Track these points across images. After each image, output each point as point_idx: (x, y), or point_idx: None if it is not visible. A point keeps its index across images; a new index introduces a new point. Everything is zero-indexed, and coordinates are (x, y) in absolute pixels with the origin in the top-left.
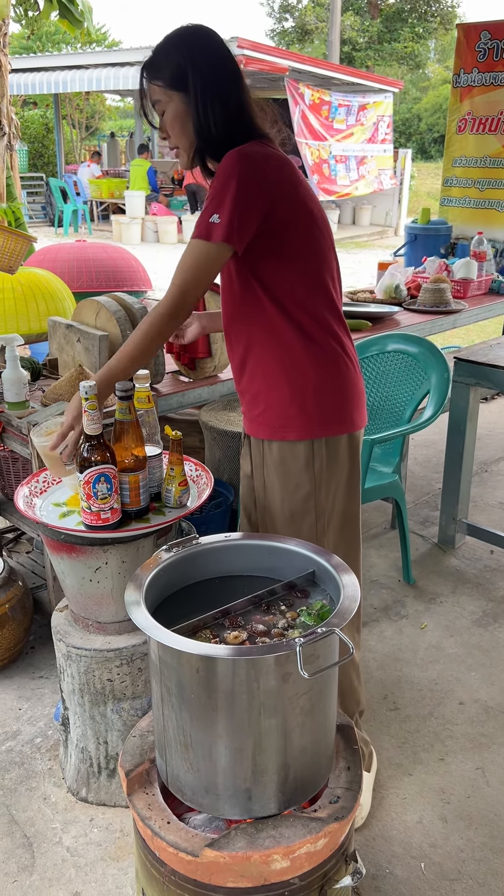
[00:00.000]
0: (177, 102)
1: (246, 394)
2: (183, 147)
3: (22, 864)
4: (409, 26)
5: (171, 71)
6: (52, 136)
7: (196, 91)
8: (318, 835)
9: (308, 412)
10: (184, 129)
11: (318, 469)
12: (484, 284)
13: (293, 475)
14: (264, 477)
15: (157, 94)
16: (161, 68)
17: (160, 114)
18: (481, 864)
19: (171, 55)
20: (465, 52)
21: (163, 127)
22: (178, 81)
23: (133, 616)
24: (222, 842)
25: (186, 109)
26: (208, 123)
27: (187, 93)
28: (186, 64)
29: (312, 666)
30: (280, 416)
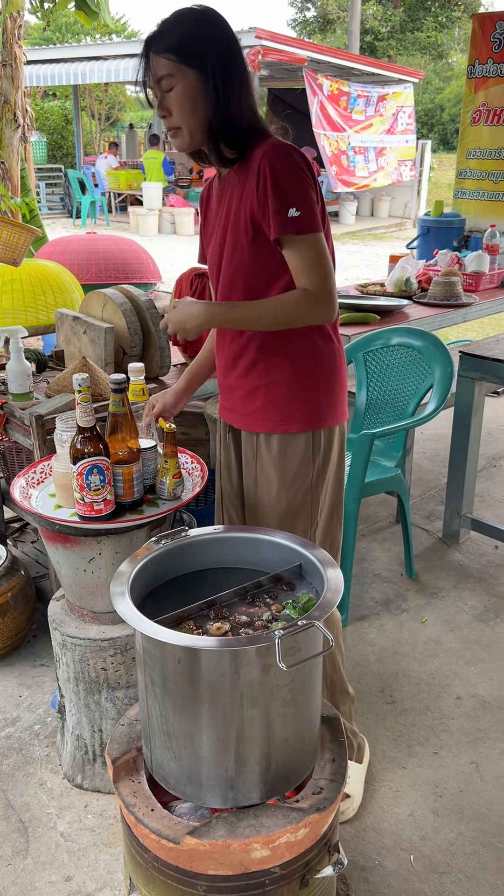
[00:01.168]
0: (190, 79)
1: (237, 389)
2: (188, 127)
3: (16, 849)
4: (431, 15)
5: (186, 45)
6: (72, 127)
7: (215, 70)
8: (298, 825)
9: (311, 405)
10: (195, 109)
11: (317, 460)
12: (496, 277)
13: (293, 467)
14: (257, 471)
15: (165, 68)
16: (174, 42)
17: (166, 90)
18: (471, 858)
19: (187, 30)
20: (480, 43)
21: (165, 104)
22: (193, 57)
23: (117, 606)
24: (203, 830)
25: (201, 88)
26: (228, 105)
27: (203, 71)
28: (204, 41)
29: (293, 658)
30: (282, 410)
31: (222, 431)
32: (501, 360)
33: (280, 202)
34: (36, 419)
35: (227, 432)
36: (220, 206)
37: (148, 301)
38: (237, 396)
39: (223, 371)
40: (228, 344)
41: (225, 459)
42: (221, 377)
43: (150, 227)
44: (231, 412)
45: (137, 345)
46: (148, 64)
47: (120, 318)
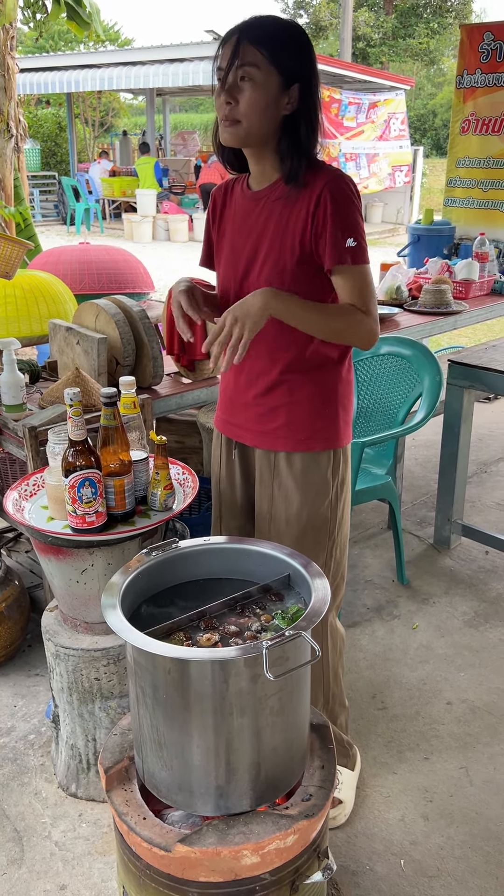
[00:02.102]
0: (272, 80)
1: (254, 407)
2: (248, 122)
3: (11, 858)
4: (423, 22)
5: (282, 48)
6: (65, 134)
7: (301, 86)
8: (287, 831)
9: (332, 424)
10: (264, 110)
11: (337, 477)
12: (486, 285)
13: (316, 484)
14: (274, 488)
15: (253, 57)
16: (271, 39)
17: (244, 77)
18: (460, 862)
19: (287, 36)
20: (468, 53)
21: (234, 91)
22: (283, 62)
23: (108, 619)
24: (193, 837)
25: (277, 94)
26: (311, 126)
27: (287, 80)
28: (299, 55)
29: (280, 668)
30: (305, 430)
31: (224, 448)
32: (489, 369)
33: (340, 232)
34: (29, 431)
35: (231, 449)
36: (252, 217)
37: (141, 311)
38: (252, 414)
39: (238, 388)
40: (251, 361)
41: (227, 476)
42: (234, 394)
43: (145, 234)
44: (239, 429)
45: (130, 355)
46: (237, 48)
47: (113, 328)
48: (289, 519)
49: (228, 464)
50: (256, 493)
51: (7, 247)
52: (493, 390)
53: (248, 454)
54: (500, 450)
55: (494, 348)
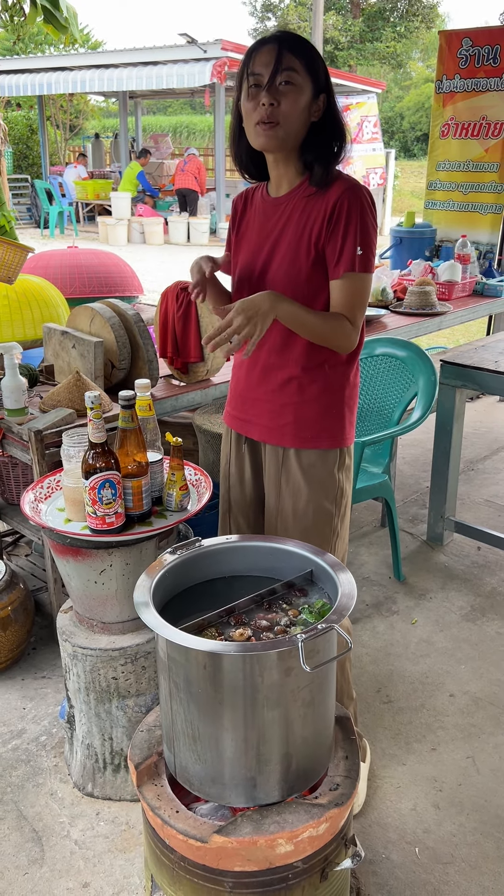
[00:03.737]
0: (306, 87)
1: (265, 402)
2: (287, 124)
3: (32, 857)
4: (390, 25)
5: (313, 60)
6: (37, 137)
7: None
8: (319, 820)
9: (339, 423)
10: (301, 113)
11: (342, 473)
12: (468, 286)
13: (323, 480)
14: (282, 482)
15: (294, 64)
16: (305, 52)
17: (286, 81)
18: (473, 848)
19: (314, 51)
20: (447, 59)
21: (277, 93)
22: (314, 73)
23: (143, 616)
24: (230, 828)
25: (309, 99)
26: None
27: (317, 89)
28: (322, 68)
29: (313, 660)
30: (312, 427)
31: (234, 444)
32: (482, 369)
33: (353, 241)
34: (35, 434)
35: (241, 444)
36: (272, 221)
37: (135, 315)
38: (263, 409)
39: (249, 383)
40: (265, 357)
41: (237, 471)
42: (245, 388)
43: (120, 238)
44: (248, 424)
45: (126, 358)
46: (280, 55)
47: (108, 331)
48: (296, 513)
49: (238, 459)
50: (266, 488)
51: (8, 252)
52: (485, 390)
53: (258, 449)
54: (486, 448)
55: (484, 348)
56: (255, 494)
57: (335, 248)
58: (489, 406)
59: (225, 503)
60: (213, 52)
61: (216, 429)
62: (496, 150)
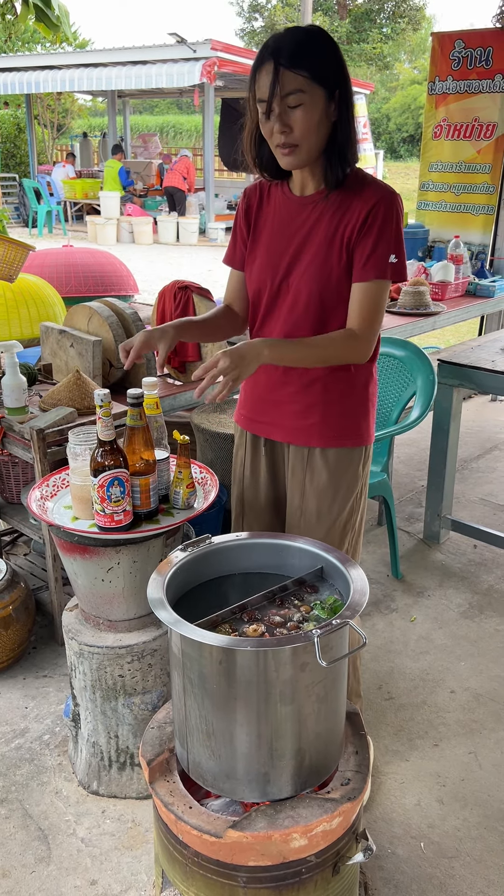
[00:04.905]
0: (318, 98)
1: (289, 404)
2: (308, 145)
3: (39, 856)
4: (377, 27)
5: (320, 64)
6: (24, 135)
7: (340, 93)
8: (333, 814)
9: (363, 422)
10: (318, 128)
11: (364, 472)
12: (461, 287)
13: (348, 479)
14: (306, 483)
15: (296, 83)
16: (305, 57)
17: (292, 105)
18: (477, 842)
19: (320, 48)
20: (439, 61)
21: (288, 120)
22: (324, 77)
23: (158, 613)
24: (244, 823)
25: (325, 107)
26: (348, 128)
27: (331, 92)
28: (333, 63)
29: (327, 656)
30: (338, 427)
31: (250, 446)
32: (479, 368)
33: (386, 247)
34: (37, 433)
35: (259, 446)
36: (297, 221)
37: (133, 314)
38: (287, 411)
39: (270, 385)
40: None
41: (252, 474)
42: (265, 391)
43: (109, 237)
44: (269, 426)
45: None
46: (276, 77)
47: (106, 330)
48: (320, 512)
49: (254, 461)
50: (288, 488)
51: (9, 250)
52: (482, 389)
53: (278, 450)
54: (479, 447)
55: (480, 348)
56: (272, 496)
57: (365, 252)
58: (481, 405)
59: (239, 506)
60: (202, 51)
61: (214, 427)
62: (488, 152)
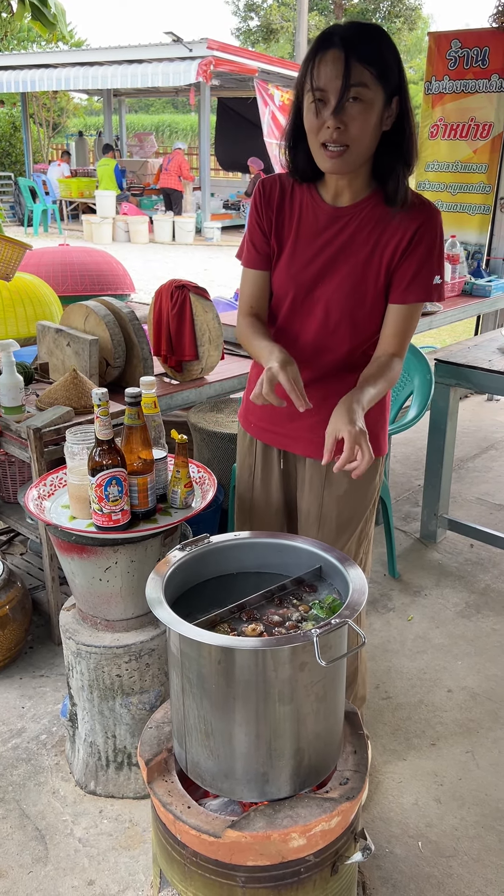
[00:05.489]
0: (378, 98)
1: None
2: (360, 145)
3: (36, 856)
4: None
5: (385, 63)
6: (20, 134)
7: (402, 102)
8: (332, 813)
9: (383, 434)
10: (374, 129)
11: (378, 482)
12: (457, 286)
13: (367, 490)
14: (325, 494)
15: (363, 76)
16: (375, 54)
17: (353, 98)
18: (475, 841)
19: (385, 47)
20: (436, 60)
21: (344, 116)
22: (387, 78)
23: (157, 612)
24: (243, 823)
25: (382, 109)
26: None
27: (390, 95)
28: (399, 68)
29: (326, 655)
30: None
31: (261, 456)
32: (476, 367)
33: (429, 270)
34: (34, 432)
35: (272, 456)
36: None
37: (130, 313)
38: (304, 425)
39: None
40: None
41: (262, 483)
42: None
43: (105, 236)
44: (287, 438)
45: (121, 356)
46: (347, 68)
47: (103, 329)
48: (339, 522)
49: (265, 469)
50: (304, 499)
51: (6, 249)
52: (479, 388)
53: (292, 461)
54: (475, 446)
55: (477, 347)
56: (283, 505)
57: (408, 274)
58: (477, 405)
59: (246, 513)
60: (198, 50)
61: (211, 427)
62: (485, 152)
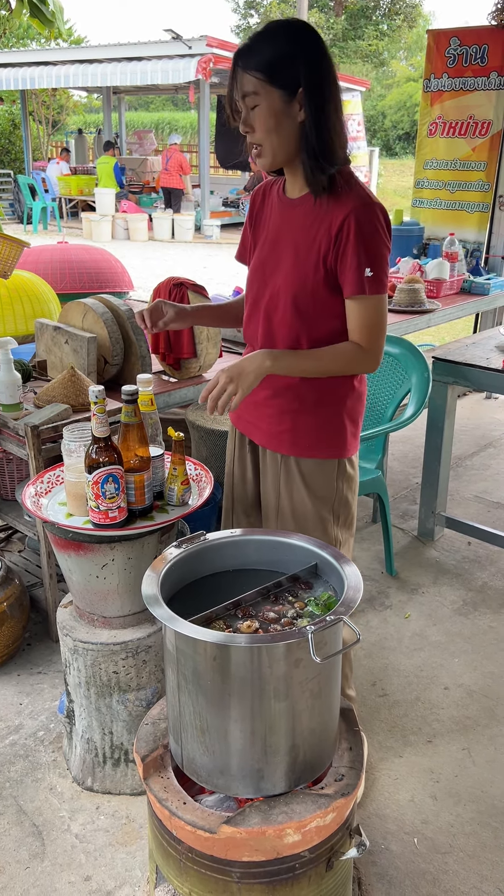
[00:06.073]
0: (275, 99)
1: (265, 407)
2: (270, 145)
3: (33, 852)
4: (373, 24)
5: (274, 63)
6: (19, 132)
7: (309, 91)
8: (327, 810)
9: (338, 436)
10: (278, 128)
11: (340, 483)
12: (456, 284)
13: (322, 488)
14: (281, 486)
15: (251, 85)
16: (261, 59)
17: (250, 106)
18: (471, 838)
19: (277, 46)
20: (435, 58)
21: (248, 120)
22: (280, 76)
23: (153, 609)
24: (238, 818)
25: (285, 107)
26: (322, 128)
27: (291, 90)
28: (295, 60)
29: (322, 652)
30: (309, 436)
31: (238, 442)
32: (473, 365)
33: (359, 261)
34: (31, 429)
35: (244, 444)
36: (285, 225)
37: (128, 311)
38: (263, 414)
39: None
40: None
41: (239, 469)
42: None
43: (104, 234)
44: (253, 427)
45: (119, 354)
46: (235, 78)
47: (101, 327)
48: (295, 515)
49: (241, 458)
50: (265, 490)
51: (4, 246)
52: (477, 386)
53: (258, 450)
54: (473, 444)
55: (475, 345)
56: (256, 493)
57: (344, 269)
58: (476, 403)
59: (228, 501)
60: (198, 48)
61: (209, 425)
62: (483, 149)
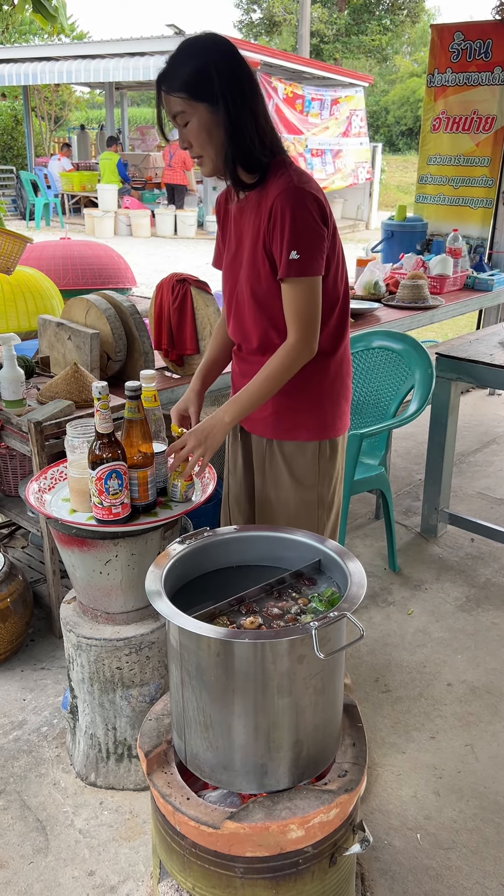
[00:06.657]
0: (202, 113)
1: None
2: (208, 156)
3: (37, 847)
4: (376, 19)
5: (193, 80)
6: (21, 128)
7: (226, 100)
8: (330, 805)
9: (318, 416)
10: (210, 139)
11: (323, 465)
12: (459, 280)
13: (303, 470)
14: (265, 471)
15: (178, 105)
16: (180, 79)
17: (182, 125)
18: (473, 834)
19: (191, 63)
20: (439, 53)
21: (185, 137)
22: (201, 91)
23: (156, 605)
24: (242, 814)
25: (213, 118)
26: (241, 132)
27: (213, 101)
28: (212, 72)
29: (325, 648)
30: (289, 420)
31: (232, 433)
32: (477, 362)
33: (286, 245)
34: (35, 426)
35: (236, 432)
36: (241, 222)
37: (131, 307)
38: None
39: (241, 372)
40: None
41: (233, 459)
42: (237, 378)
43: (106, 230)
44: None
45: (122, 350)
46: (161, 101)
47: (104, 323)
48: (279, 501)
49: (233, 448)
50: (255, 477)
51: (7, 242)
52: (480, 382)
53: (248, 439)
54: (476, 441)
55: (479, 341)
56: (246, 483)
57: (275, 252)
58: (479, 399)
59: (225, 492)
60: None
61: None
62: (487, 145)
